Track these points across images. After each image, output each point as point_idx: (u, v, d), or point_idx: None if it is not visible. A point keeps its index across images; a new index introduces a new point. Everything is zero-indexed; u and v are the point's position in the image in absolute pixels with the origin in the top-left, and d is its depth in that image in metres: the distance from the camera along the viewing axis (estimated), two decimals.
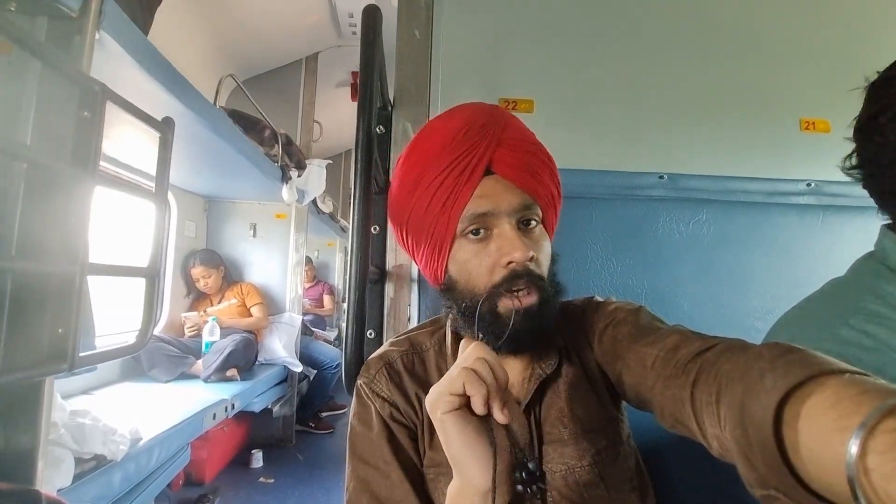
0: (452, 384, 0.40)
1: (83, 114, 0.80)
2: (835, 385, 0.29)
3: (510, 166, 0.52)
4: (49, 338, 0.78)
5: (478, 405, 0.40)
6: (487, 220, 0.52)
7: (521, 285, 0.50)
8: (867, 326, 0.47)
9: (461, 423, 0.41)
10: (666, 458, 0.78)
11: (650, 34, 1.02)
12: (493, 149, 0.52)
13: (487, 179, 0.52)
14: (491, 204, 0.51)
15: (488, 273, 0.51)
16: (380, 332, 0.90)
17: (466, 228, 0.52)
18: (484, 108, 0.56)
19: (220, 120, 1.89)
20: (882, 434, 0.24)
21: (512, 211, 0.51)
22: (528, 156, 0.53)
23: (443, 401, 0.41)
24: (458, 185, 0.51)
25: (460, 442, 0.41)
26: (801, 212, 0.97)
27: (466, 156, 0.51)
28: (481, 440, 0.42)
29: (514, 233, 0.51)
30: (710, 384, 0.39)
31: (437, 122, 0.56)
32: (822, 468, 0.27)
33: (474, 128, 0.52)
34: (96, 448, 1.27)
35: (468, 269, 0.53)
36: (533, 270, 0.51)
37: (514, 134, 0.54)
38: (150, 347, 2.32)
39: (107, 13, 0.94)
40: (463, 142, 0.52)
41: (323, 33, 3.39)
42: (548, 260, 0.54)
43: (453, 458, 0.43)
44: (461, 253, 0.53)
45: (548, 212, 0.55)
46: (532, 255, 0.50)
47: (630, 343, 0.52)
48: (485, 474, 0.41)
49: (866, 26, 1.06)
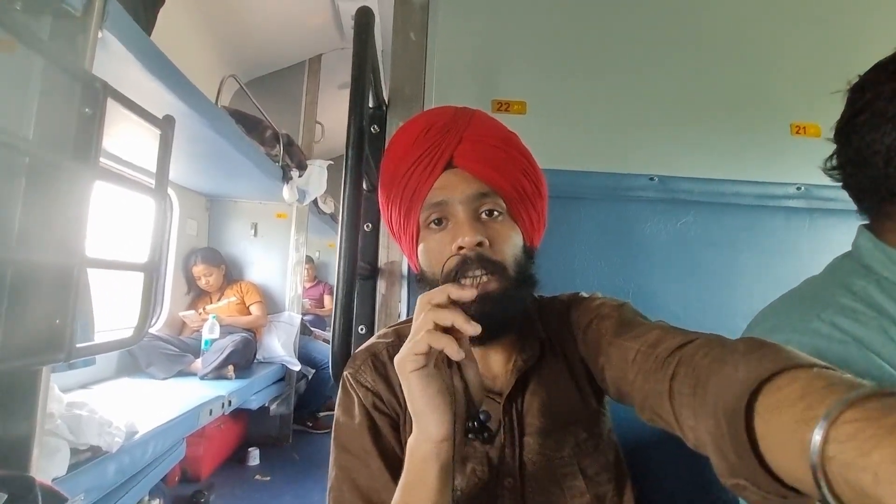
0: (417, 344, 0.43)
1: (84, 110, 0.82)
2: (803, 378, 0.30)
3: (470, 159, 0.55)
4: (47, 328, 0.79)
5: (452, 353, 0.41)
6: (444, 208, 0.54)
7: (475, 271, 0.51)
8: (837, 319, 0.48)
9: (426, 381, 0.44)
10: (648, 452, 0.79)
11: (642, 38, 1.03)
12: (455, 145, 0.55)
13: (448, 173, 0.55)
14: (447, 193, 0.54)
15: (445, 260, 0.53)
16: (371, 327, 0.92)
17: (427, 218, 0.55)
18: (447, 111, 0.59)
19: (222, 119, 1.91)
20: (844, 424, 0.25)
21: (466, 199, 0.53)
22: (491, 150, 0.55)
23: (409, 360, 0.43)
24: (422, 180, 0.55)
25: (423, 398, 0.44)
26: (789, 215, 0.98)
27: (429, 152, 0.55)
28: (440, 397, 0.45)
29: (465, 219, 0.53)
30: (687, 377, 0.40)
31: (405, 125, 0.61)
32: (788, 457, 0.29)
33: (436, 127, 0.56)
34: (92, 439, 1.29)
35: (430, 257, 0.56)
36: (487, 256, 0.52)
37: (479, 130, 0.56)
38: (147, 345, 2.34)
39: (110, 13, 0.96)
40: (425, 140, 0.55)
41: (326, 35, 3.42)
42: (513, 250, 0.55)
43: (415, 412, 0.46)
44: (425, 242, 0.56)
45: (517, 205, 0.56)
46: (481, 239, 0.51)
47: (613, 337, 0.53)
48: (440, 426, 0.45)
49: (857, 31, 1.06)
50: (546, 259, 0.61)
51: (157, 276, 0.98)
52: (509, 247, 0.54)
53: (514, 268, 0.54)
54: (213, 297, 2.90)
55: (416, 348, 0.43)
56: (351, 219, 0.67)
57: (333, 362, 0.67)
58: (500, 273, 0.52)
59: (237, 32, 3.04)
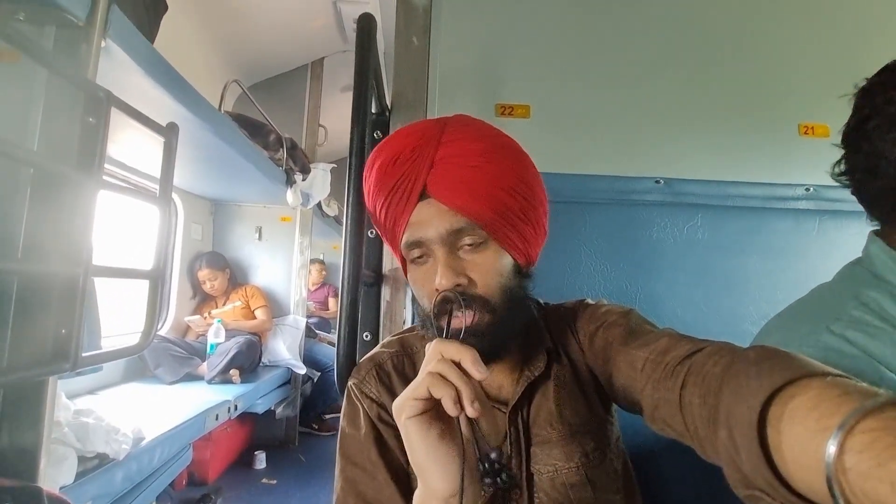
0: (416, 389, 0.40)
1: (88, 119, 0.82)
2: (817, 387, 0.29)
3: (443, 187, 0.51)
4: (53, 338, 0.80)
5: (448, 406, 0.38)
6: (422, 246, 0.52)
7: (458, 309, 0.49)
8: (848, 332, 0.47)
9: (424, 429, 0.40)
10: (657, 461, 0.78)
11: (646, 39, 1.02)
12: (426, 172, 0.51)
13: (422, 204, 0.51)
14: (421, 232, 0.51)
15: (429, 298, 0.52)
16: (376, 334, 0.91)
17: (409, 255, 0.54)
18: (415, 130, 0.54)
19: (225, 125, 1.92)
20: (860, 434, 0.25)
21: (439, 238, 0.50)
22: (467, 171, 0.51)
23: (407, 405, 0.40)
24: (397, 214, 0.52)
25: (423, 448, 0.41)
26: (798, 217, 0.97)
27: (401, 185, 0.51)
28: (444, 446, 0.41)
29: (442, 259, 0.50)
30: (698, 386, 0.39)
31: (375, 152, 0.56)
32: (803, 468, 0.28)
33: (405, 153, 0.52)
34: (99, 447, 1.29)
35: (417, 289, 0.55)
36: (470, 293, 0.50)
37: (451, 150, 0.51)
38: (156, 347, 2.36)
39: (113, 22, 0.96)
40: (395, 170, 0.52)
41: (328, 38, 3.43)
42: (499, 280, 0.52)
43: (416, 465, 0.42)
44: (411, 274, 0.55)
45: (500, 228, 0.52)
46: (458, 281, 0.49)
47: (620, 346, 0.53)
48: (445, 481, 0.41)
49: (866, 31, 1.05)
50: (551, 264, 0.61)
51: (163, 283, 0.99)
52: (493, 278, 0.52)
53: (500, 297, 0.52)
54: (219, 302, 2.91)
55: (416, 392, 0.40)
56: (354, 226, 0.67)
57: (338, 371, 0.66)
58: (485, 307, 0.51)
59: (239, 37, 3.06)
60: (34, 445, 0.83)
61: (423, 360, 0.61)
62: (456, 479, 0.40)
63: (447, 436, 0.41)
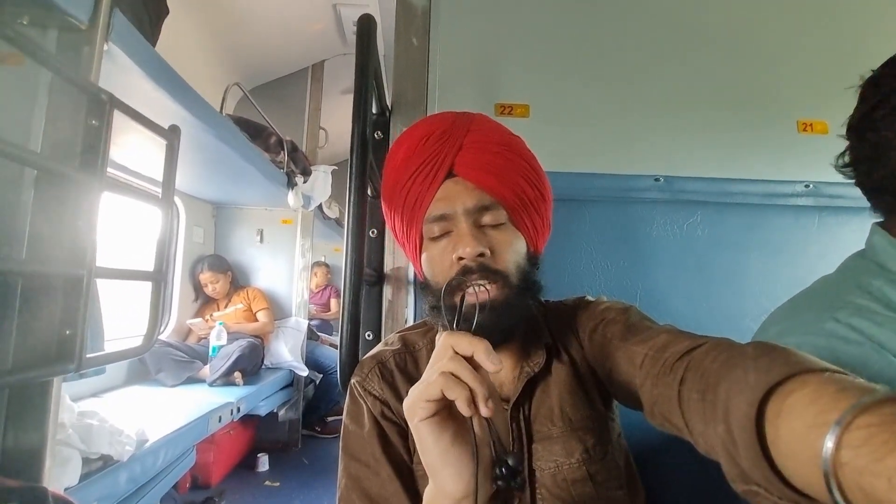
0: (428, 390, 0.38)
1: (91, 122, 0.83)
2: (814, 383, 0.29)
3: (471, 167, 0.54)
4: (57, 339, 0.80)
5: (463, 407, 0.37)
6: (446, 221, 0.54)
7: (476, 280, 0.50)
8: (853, 320, 0.47)
9: (438, 430, 0.39)
10: (658, 457, 0.78)
11: (644, 37, 1.02)
12: (455, 153, 0.54)
13: (448, 182, 0.54)
14: (448, 205, 0.53)
15: (448, 269, 0.53)
16: (378, 333, 0.92)
17: (430, 231, 0.55)
18: (446, 117, 0.58)
19: (226, 127, 1.93)
20: (857, 430, 0.25)
21: (467, 211, 0.53)
22: (492, 156, 0.54)
23: (419, 407, 0.39)
24: (422, 190, 0.54)
25: (436, 450, 0.40)
26: (798, 213, 0.97)
27: (429, 162, 0.54)
28: (457, 447, 0.40)
29: (466, 229, 0.52)
30: (696, 382, 0.39)
31: (405, 133, 0.59)
32: (800, 463, 0.28)
33: (435, 135, 0.55)
34: (103, 448, 1.30)
35: (432, 267, 0.55)
36: (489, 266, 0.52)
37: (479, 136, 0.55)
38: (157, 351, 2.36)
39: (115, 25, 0.97)
40: (424, 149, 0.54)
41: (328, 41, 3.44)
42: (516, 258, 0.54)
43: (428, 466, 0.42)
44: (428, 252, 0.56)
45: (519, 212, 0.55)
46: (482, 250, 0.51)
47: (620, 342, 0.53)
48: (459, 482, 0.40)
49: (864, 27, 1.05)
50: (552, 262, 0.61)
51: (165, 285, 0.99)
52: (511, 255, 0.54)
53: (517, 276, 0.54)
54: (221, 304, 2.91)
55: (428, 393, 0.38)
56: (356, 225, 0.67)
57: (341, 370, 0.67)
58: (503, 281, 0.52)
59: (240, 41, 3.07)
60: (39, 446, 0.83)
61: (426, 357, 0.62)
62: (470, 481, 0.40)
63: (460, 437, 0.40)
